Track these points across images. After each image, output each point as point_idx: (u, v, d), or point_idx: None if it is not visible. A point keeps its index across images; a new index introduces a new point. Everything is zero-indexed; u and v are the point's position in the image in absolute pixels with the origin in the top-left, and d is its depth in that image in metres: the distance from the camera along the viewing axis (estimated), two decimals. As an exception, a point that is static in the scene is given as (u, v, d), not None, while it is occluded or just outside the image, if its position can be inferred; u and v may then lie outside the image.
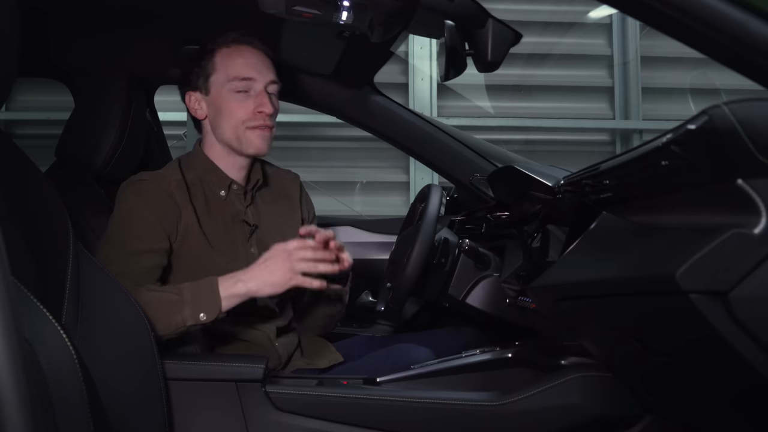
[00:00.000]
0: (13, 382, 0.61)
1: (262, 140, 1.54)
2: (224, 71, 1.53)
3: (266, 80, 1.54)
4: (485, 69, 1.22)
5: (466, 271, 1.75)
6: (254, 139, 1.53)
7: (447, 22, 1.18)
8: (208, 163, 1.58)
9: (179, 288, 1.39)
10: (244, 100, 1.53)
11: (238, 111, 1.52)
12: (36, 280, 1.03)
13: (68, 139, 1.68)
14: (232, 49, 1.54)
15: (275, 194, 1.68)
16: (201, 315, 1.35)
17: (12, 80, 0.94)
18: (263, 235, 1.60)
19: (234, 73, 1.52)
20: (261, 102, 1.52)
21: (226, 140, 1.55)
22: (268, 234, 1.61)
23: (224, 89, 1.53)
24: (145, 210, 1.47)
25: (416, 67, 3.91)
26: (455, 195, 2.21)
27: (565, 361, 1.36)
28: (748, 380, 0.89)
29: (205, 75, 1.55)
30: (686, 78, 3.89)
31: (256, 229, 1.59)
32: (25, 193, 1.13)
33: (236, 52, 1.54)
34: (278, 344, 1.57)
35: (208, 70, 1.54)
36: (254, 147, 1.54)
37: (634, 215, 1.05)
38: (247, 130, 1.53)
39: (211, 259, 1.52)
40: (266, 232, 1.61)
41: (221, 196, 1.57)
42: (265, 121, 1.53)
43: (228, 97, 1.53)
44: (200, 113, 1.58)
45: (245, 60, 1.53)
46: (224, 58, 1.54)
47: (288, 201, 1.70)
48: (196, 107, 1.58)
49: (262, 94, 1.53)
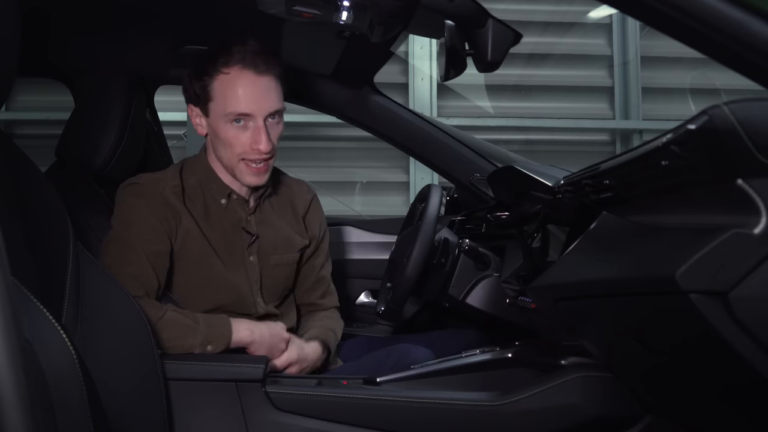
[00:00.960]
0: (13, 382, 0.61)
1: (255, 177, 1.50)
2: (222, 102, 1.45)
3: (265, 113, 1.46)
4: (485, 69, 1.22)
5: (466, 271, 1.75)
6: (247, 174, 1.50)
7: (447, 22, 1.18)
8: (209, 170, 1.56)
9: (196, 317, 1.43)
10: (241, 132, 1.46)
11: (234, 143, 1.47)
12: (36, 280, 1.03)
13: (68, 139, 1.68)
14: (232, 75, 1.44)
15: (283, 205, 1.66)
16: (209, 346, 1.41)
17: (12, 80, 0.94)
18: (265, 242, 1.59)
19: (232, 107, 1.44)
20: (257, 138, 1.45)
21: (224, 164, 1.53)
22: (271, 241, 1.60)
23: (221, 119, 1.47)
24: (146, 210, 1.47)
25: (416, 67, 3.91)
26: (455, 195, 2.21)
27: (565, 361, 1.36)
28: (747, 380, 0.89)
29: (204, 98, 1.48)
30: (686, 78, 3.90)
31: (257, 238, 1.58)
32: (25, 193, 1.13)
33: (236, 81, 1.44)
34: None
35: (207, 94, 1.47)
36: (247, 182, 1.52)
37: (634, 215, 1.05)
38: (241, 162, 1.49)
39: (211, 266, 1.52)
40: (269, 240, 1.60)
41: (221, 204, 1.56)
42: (261, 156, 1.47)
43: (225, 127, 1.47)
44: (201, 130, 1.55)
45: (245, 91, 1.44)
46: (223, 87, 1.45)
47: (293, 214, 1.68)
48: (197, 122, 1.54)
49: (259, 130, 1.45)
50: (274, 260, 1.60)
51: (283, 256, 1.62)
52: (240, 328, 1.45)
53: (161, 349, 1.34)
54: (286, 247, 1.63)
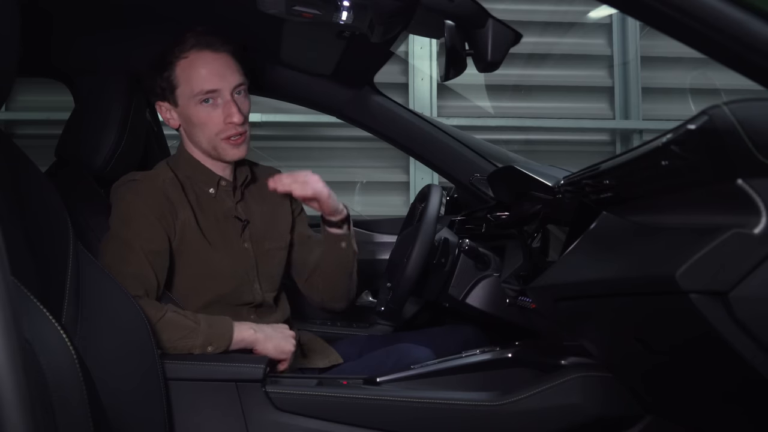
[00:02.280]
0: (13, 382, 0.61)
1: (237, 149, 1.55)
2: (188, 84, 1.51)
3: (231, 86, 1.52)
4: (485, 69, 1.22)
5: (466, 271, 1.75)
6: (229, 149, 1.54)
7: (447, 22, 1.17)
8: (194, 162, 1.59)
9: (197, 317, 1.42)
10: (212, 110, 1.51)
11: (208, 123, 1.52)
12: (36, 280, 1.03)
13: (68, 139, 1.68)
14: (191, 58, 1.50)
15: (263, 190, 1.68)
16: (209, 347, 1.40)
17: (12, 80, 0.94)
18: (255, 229, 1.62)
19: (198, 86, 1.50)
20: (229, 112, 1.51)
21: (203, 149, 1.56)
22: (260, 228, 1.63)
23: (191, 102, 1.52)
24: (144, 208, 1.48)
25: (416, 67, 3.90)
26: (455, 195, 2.21)
27: (565, 361, 1.36)
28: (747, 380, 0.89)
29: (170, 87, 1.53)
30: (686, 78, 3.89)
31: (248, 224, 1.60)
32: (25, 193, 1.13)
33: (197, 62, 1.50)
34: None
35: (172, 82, 1.52)
36: (230, 156, 1.55)
37: (634, 215, 1.05)
38: (221, 141, 1.53)
39: (209, 256, 1.53)
40: (258, 227, 1.63)
41: (211, 194, 1.58)
42: (237, 129, 1.52)
43: (196, 109, 1.52)
44: (173, 122, 1.58)
45: (207, 69, 1.50)
46: (185, 70, 1.51)
47: (276, 195, 1.70)
48: (168, 117, 1.58)
49: (229, 103, 1.51)
50: (267, 245, 1.64)
51: (275, 241, 1.66)
52: (242, 328, 1.45)
53: (161, 350, 1.34)
54: (276, 232, 1.67)
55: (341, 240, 1.64)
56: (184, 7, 1.62)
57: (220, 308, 1.52)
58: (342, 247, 1.65)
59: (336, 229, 1.63)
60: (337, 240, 1.64)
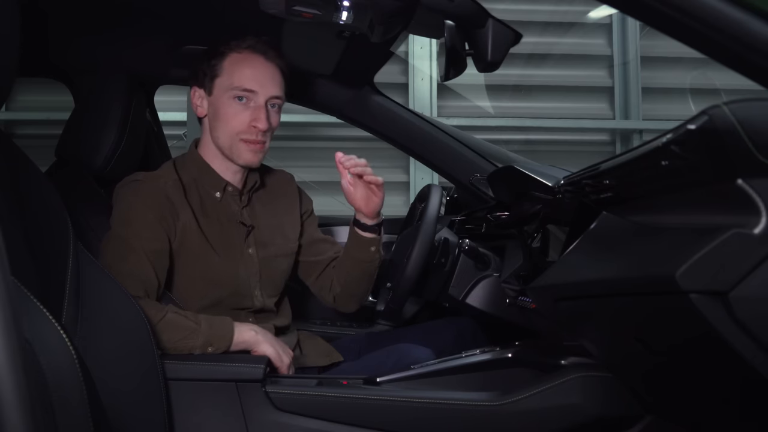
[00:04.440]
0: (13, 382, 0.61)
1: (252, 155, 1.54)
2: (229, 77, 1.52)
3: (268, 95, 1.53)
4: (485, 69, 1.22)
5: (466, 271, 1.75)
6: (245, 152, 1.54)
7: (447, 22, 1.17)
8: (202, 164, 1.58)
9: (198, 318, 1.42)
10: (242, 110, 1.52)
11: (234, 120, 1.52)
12: (36, 280, 1.03)
13: (68, 139, 1.68)
14: (243, 56, 1.53)
15: (273, 195, 1.68)
16: (210, 348, 1.41)
17: (12, 80, 0.94)
18: (261, 235, 1.61)
19: (238, 81, 1.51)
20: (257, 116, 1.51)
21: (220, 145, 1.56)
22: (267, 234, 1.62)
23: (225, 94, 1.52)
24: (144, 209, 1.47)
25: (416, 67, 3.90)
26: (455, 195, 2.21)
27: (565, 361, 1.36)
28: (747, 380, 0.89)
29: (212, 75, 1.54)
30: (686, 78, 3.89)
31: (252, 229, 1.59)
32: (25, 193, 1.13)
33: (246, 61, 1.52)
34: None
35: (215, 71, 1.53)
36: (244, 160, 1.55)
37: (634, 215, 1.05)
38: (240, 141, 1.53)
39: (209, 259, 1.52)
40: (265, 232, 1.62)
41: (216, 198, 1.57)
42: (258, 137, 1.53)
43: (227, 103, 1.52)
44: (201, 111, 1.58)
45: (253, 71, 1.52)
46: (233, 64, 1.52)
47: (286, 200, 1.71)
48: (198, 104, 1.58)
49: (260, 109, 1.52)
50: (273, 251, 1.63)
51: (281, 247, 1.65)
52: (243, 329, 1.44)
53: (162, 350, 1.34)
54: (282, 239, 1.66)
55: (372, 244, 1.64)
56: (184, 7, 1.62)
57: (218, 311, 1.52)
58: (371, 251, 1.64)
59: (370, 234, 1.62)
60: (368, 244, 1.63)
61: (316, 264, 1.72)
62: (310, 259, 1.72)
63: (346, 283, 1.68)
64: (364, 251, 1.63)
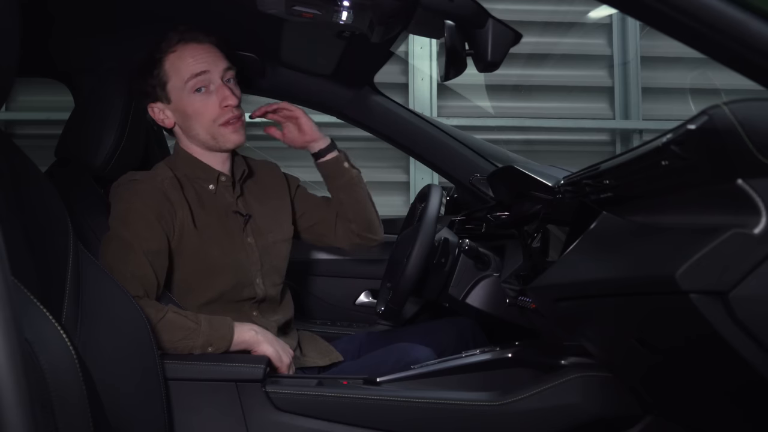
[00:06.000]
0: (13, 382, 0.61)
1: (236, 134, 1.56)
2: (178, 75, 1.53)
3: (220, 70, 1.54)
4: (485, 69, 1.22)
5: (466, 271, 1.75)
6: (229, 134, 1.55)
7: (447, 22, 1.17)
8: (192, 160, 1.59)
9: (198, 318, 1.42)
10: (207, 98, 1.53)
11: (205, 110, 1.53)
12: (36, 280, 1.03)
13: (68, 139, 1.68)
14: (179, 51, 1.53)
15: (262, 183, 1.70)
16: (210, 348, 1.41)
17: (12, 79, 0.94)
18: (257, 223, 1.63)
19: (187, 72, 1.52)
20: (224, 95, 1.53)
21: (202, 140, 1.57)
22: (262, 222, 1.64)
23: (184, 93, 1.53)
24: (143, 208, 1.48)
25: (416, 67, 3.90)
26: (455, 195, 2.21)
27: (565, 361, 1.36)
28: (747, 380, 0.89)
29: (161, 84, 1.54)
30: (686, 78, 3.89)
31: (249, 218, 1.61)
32: (25, 193, 1.13)
33: (184, 52, 1.53)
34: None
35: (162, 78, 1.54)
36: (231, 142, 1.57)
37: (634, 215, 1.05)
38: (220, 127, 1.54)
39: (209, 253, 1.53)
40: (261, 220, 1.64)
41: (211, 190, 1.59)
42: (234, 113, 1.54)
43: (190, 99, 1.53)
44: (168, 122, 1.59)
45: (194, 57, 1.53)
46: (174, 63, 1.53)
47: (276, 187, 1.73)
48: (161, 117, 1.59)
49: (222, 87, 1.53)
50: (271, 238, 1.64)
51: (278, 233, 1.67)
52: (243, 329, 1.45)
53: (162, 350, 1.34)
54: (277, 225, 1.68)
55: (340, 162, 1.69)
56: (184, 8, 1.62)
57: (221, 305, 1.53)
58: (345, 168, 1.69)
59: (331, 154, 1.69)
60: (338, 163, 1.68)
61: (326, 220, 1.76)
62: (319, 218, 1.76)
63: (354, 213, 1.73)
64: (340, 172, 1.70)
